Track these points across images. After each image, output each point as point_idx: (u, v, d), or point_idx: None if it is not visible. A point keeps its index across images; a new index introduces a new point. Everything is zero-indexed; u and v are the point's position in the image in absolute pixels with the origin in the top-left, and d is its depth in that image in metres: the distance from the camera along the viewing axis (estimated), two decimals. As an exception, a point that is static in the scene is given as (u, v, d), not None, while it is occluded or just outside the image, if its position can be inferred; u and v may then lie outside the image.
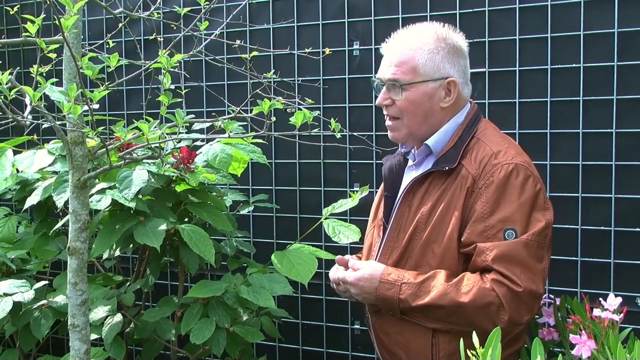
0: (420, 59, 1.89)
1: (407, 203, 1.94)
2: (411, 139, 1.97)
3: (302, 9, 3.07)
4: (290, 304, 3.05)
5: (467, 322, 1.76)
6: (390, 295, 1.84)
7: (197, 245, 2.28)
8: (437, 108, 1.91)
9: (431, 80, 1.89)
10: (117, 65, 1.90)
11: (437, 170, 1.90)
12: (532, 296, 1.75)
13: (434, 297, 1.78)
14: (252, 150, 2.45)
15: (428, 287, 1.79)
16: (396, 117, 1.95)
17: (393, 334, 1.95)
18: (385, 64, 1.96)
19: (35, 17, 1.75)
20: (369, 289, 1.88)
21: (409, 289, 1.81)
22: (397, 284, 1.83)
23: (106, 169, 2.01)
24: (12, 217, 3.04)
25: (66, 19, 1.68)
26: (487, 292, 1.73)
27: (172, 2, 3.11)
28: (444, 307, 1.77)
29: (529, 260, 1.75)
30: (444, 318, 1.80)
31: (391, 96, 1.94)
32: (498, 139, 1.91)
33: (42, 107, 1.76)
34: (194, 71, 3.23)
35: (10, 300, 2.43)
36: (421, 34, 1.93)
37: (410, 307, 1.82)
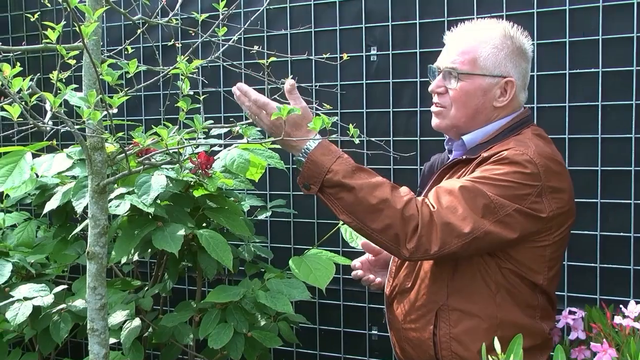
0: (482, 52, 1.86)
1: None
2: (453, 131, 1.94)
3: (319, 15, 3.08)
4: (308, 309, 3.05)
5: (383, 226, 1.67)
6: (323, 161, 1.73)
7: (215, 250, 2.28)
8: (489, 105, 1.89)
9: (489, 76, 1.87)
10: (135, 72, 1.91)
11: (460, 161, 1.89)
12: (447, 227, 1.66)
13: (369, 183, 1.69)
14: (270, 155, 2.45)
15: (365, 174, 1.72)
16: (444, 105, 1.92)
17: (401, 330, 1.95)
18: (446, 53, 1.93)
19: (54, 24, 1.77)
20: (286, 132, 1.75)
21: (346, 165, 1.72)
22: (335, 155, 1.74)
23: (125, 175, 2.02)
24: (31, 222, 3.07)
25: (86, 26, 1.69)
26: (414, 207, 1.67)
27: (190, 8, 3.12)
28: (372, 199, 1.67)
29: (462, 202, 1.68)
30: (362, 211, 1.68)
31: (445, 84, 1.91)
32: (529, 141, 1.83)
33: (61, 113, 1.77)
34: (212, 76, 3.24)
35: (30, 304, 2.45)
36: (489, 28, 1.91)
37: (337, 183, 1.70)
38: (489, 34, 1.89)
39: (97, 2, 2.03)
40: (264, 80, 2.73)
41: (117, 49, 2.48)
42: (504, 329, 1.78)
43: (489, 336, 1.69)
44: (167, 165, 2.31)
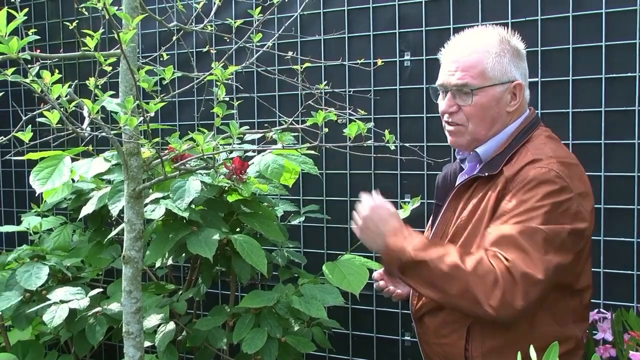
0: (488, 62, 1.85)
1: (452, 209, 1.92)
2: (474, 145, 1.92)
3: (352, 20, 3.08)
4: (340, 315, 3.05)
5: (461, 290, 1.68)
6: (395, 241, 1.79)
7: (249, 255, 2.29)
8: (503, 112, 1.87)
9: (499, 84, 1.85)
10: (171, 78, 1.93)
11: (481, 177, 1.87)
12: (527, 279, 1.64)
13: (438, 255, 1.72)
14: (304, 161, 2.46)
15: (435, 247, 1.75)
16: (460, 123, 1.90)
17: (432, 345, 1.94)
18: (448, 70, 1.90)
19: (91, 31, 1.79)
20: (375, 227, 1.84)
21: (416, 242, 1.76)
22: (404, 234, 1.80)
23: (161, 180, 2.03)
24: (67, 226, 3.11)
25: (124, 33, 1.72)
26: (487, 264, 1.66)
27: (224, 14, 3.14)
28: (444, 267, 1.69)
29: (528, 247, 1.67)
30: (440, 281, 1.71)
31: (457, 102, 1.88)
32: (545, 147, 1.83)
33: (99, 119, 1.80)
34: (246, 82, 3.26)
35: (66, 307, 2.49)
36: (484, 37, 1.89)
37: (411, 261, 1.75)
38: (487, 42, 1.87)
39: (133, 9, 2.06)
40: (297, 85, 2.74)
41: (153, 55, 2.50)
42: (538, 340, 1.75)
43: (522, 349, 1.67)
44: (202, 170, 2.33)
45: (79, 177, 2.51)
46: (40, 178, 2.36)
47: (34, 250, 2.80)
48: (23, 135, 1.76)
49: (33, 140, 1.75)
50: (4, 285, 2.69)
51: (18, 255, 2.79)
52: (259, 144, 2.62)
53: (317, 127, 1.92)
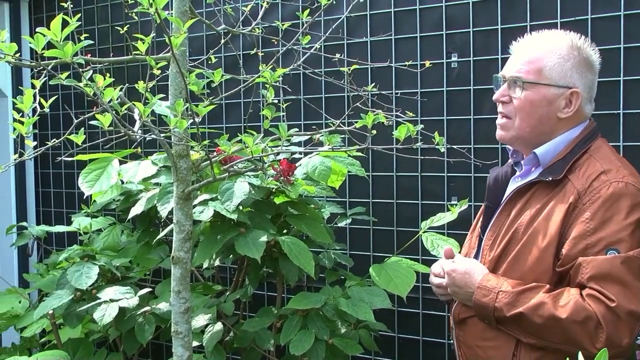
0: (548, 61, 1.84)
1: (506, 212, 1.90)
2: (518, 142, 1.92)
3: (399, 22, 3.07)
4: (386, 317, 3.03)
5: (564, 339, 1.69)
6: (486, 302, 1.79)
7: (297, 257, 2.30)
8: (553, 116, 1.86)
9: (554, 86, 1.84)
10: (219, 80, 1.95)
11: (541, 181, 1.84)
12: (632, 316, 1.65)
13: (529, 307, 1.71)
14: (351, 163, 2.46)
15: (526, 298, 1.73)
16: (509, 116, 1.90)
17: (474, 348, 1.92)
18: (511, 62, 1.92)
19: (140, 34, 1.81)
20: (460, 284, 1.88)
21: (505, 298, 1.76)
22: (494, 291, 1.78)
23: (210, 181, 2.05)
24: (116, 227, 3.16)
25: (176, 37, 1.73)
26: (584, 308, 1.66)
27: (271, 17, 3.16)
28: (539, 319, 1.70)
29: (627, 278, 1.66)
30: (539, 332, 1.73)
31: (510, 93, 1.89)
32: (611, 157, 1.83)
33: (149, 122, 1.82)
34: (292, 84, 3.27)
35: (116, 306, 2.53)
36: (556, 38, 1.89)
37: (505, 317, 1.76)
38: (556, 44, 1.87)
39: (183, 14, 2.07)
40: (342, 87, 2.74)
41: (201, 58, 2.52)
42: None
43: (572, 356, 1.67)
44: (251, 172, 2.35)
45: (127, 179, 2.56)
46: (88, 180, 2.40)
47: (84, 250, 2.85)
48: (76, 138, 1.79)
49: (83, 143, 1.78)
50: (56, 284, 2.75)
51: (69, 255, 2.85)
52: (305, 145, 2.62)
53: (363, 129, 1.92)
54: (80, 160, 2.52)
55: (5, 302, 2.97)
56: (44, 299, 2.71)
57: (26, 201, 4.36)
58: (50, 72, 1.79)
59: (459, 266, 1.90)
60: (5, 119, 4.20)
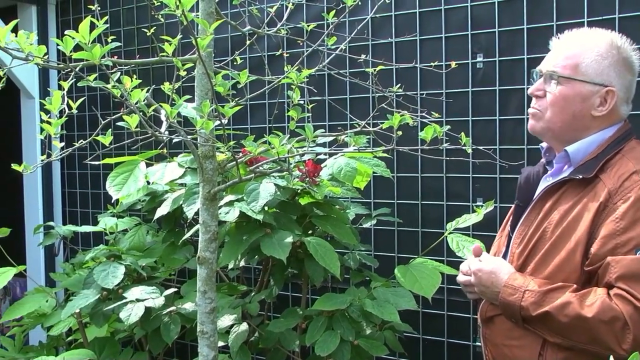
0: (585, 58, 1.83)
1: (536, 211, 1.88)
2: (549, 135, 1.91)
3: (424, 22, 3.06)
4: (411, 318, 3.03)
5: (590, 339, 1.67)
6: (512, 301, 1.78)
7: (322, 257, 2.30)
8: (586, 114, 1.84)
9: (589, 83, 1.82)
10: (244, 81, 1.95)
11: (572, 180, 1.82)
12: None
13: (555, 307, 1.70)
14: (376, 163, 2.45)
15: (552, 297, 1.72)
16: (540, 109, 1.89)
17: (501, 346, 1.90)
18: (549, 57, 1.91)
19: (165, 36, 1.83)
20: (486, 283, 1.86)
21: (532, 297, 1.74)
22: (521, 290, 1.77)
23: (236, 182, 2.06)
24: (142, 227, 3.19)
25: (202, 38, 1.74)
26: (611, 308, 1.63)
27: (296, 17, 3.17)
28: (565, 319, 1.68)
29: None
30: (565, 332, 1.71)
31: (545, 88, 1.88)
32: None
33: (175, 123, 1.83)
34: (317, 85, 3.27)
35: (142, 305, 2.54)
36: (595, 36, 1.87)
37: (531, 316, 1.75)
38: (595, 41, 1.85)
39: (209, 15, 2.09)
40: (367, 88, 2.74)
41: (226, 59, 2.53)
42: None
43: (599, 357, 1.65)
44: (277, 173, 2.35)
45: (154, 182, 2.57)
46: (116, 184, 2.43)
47: (110, 250, 2.88)
48: (103, 139, 1.81)
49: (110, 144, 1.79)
50: (82, 284, 2.77)
51: (95, 255, 2.87)
52: (330, 146, 2.62)
53: (389, 129, 1.91)
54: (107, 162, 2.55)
55: (33, 301, 3.00)
56: (71, 299, 2.73)
57: (53, 201, 4.40)
58: (78, 73, 1.81)
59: (486, 265, 1.89)
60: (32, 120, 4.25)
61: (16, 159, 2.97)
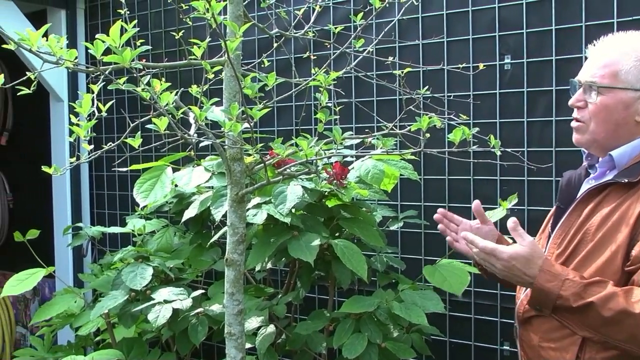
0: (624, 65, 1.79)
1: (577, 213, 1.86)
2: (594, 146, 1.87)
3: (451, 24, 3.05)
4: (438, 321, 3.02)
5: (629, 336, 1.63)
6: (550, 288, 1.70)
7: (350, 260, 2.30)
8: (630, 120, 1.80)
9: (631, 90, 1.78)
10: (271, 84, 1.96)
11: (614, 184, 1.79)
12: None
13: (600, 298, 1.64)
14: (404, 166, 2.45)
15: (595, 290, 1.66)
16: (583, 121, 1.86)
17: (537, 348, 1.87)
18: (587, 66, 1.87)
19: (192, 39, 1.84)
20: (520, 271, 1.73)
21: (573, 287, 1.68)
22: (561, 278, 1.70)
23: (264, 184, 2.07)
24: (169, 228, 3.21)
25: (231, 41, 1.75)
26: None
27: (323, 19, 3.17)
28: (609, 312, 1.63)
29: None
30: (602, 326, 1.66)
31: (586, 98, 1.84)
32: None
33: (204, 126, 1.84)
34: (344, 87, 3.27)
35: (170, 307, 2.56)
36: (632, 40, 1.83)
37: (568, 307, 1.68)
38: (632, 45, 1.81)
39: (237, 18, 2.10)
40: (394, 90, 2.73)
41: (253, 62, 2.54)
42: None
43: None
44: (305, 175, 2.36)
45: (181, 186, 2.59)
46: (143, 191, 2.44)
47: (138, 251, 2.90)
48: (132, 142, 1.82)
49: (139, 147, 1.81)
50: (111, 285, 2.80)
51: (123, 256, 2.90)
52: (357, 149, 2.62)
53: (416, 131, 1.91)
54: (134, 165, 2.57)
55: (63, 302, 3.03)
56: (100, 299, 2.76)
57: (81, 203, 4.46)
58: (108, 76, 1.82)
59: (519, 251, 1.74)
60: (61, 123, 4.30)
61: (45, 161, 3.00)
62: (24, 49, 1.76)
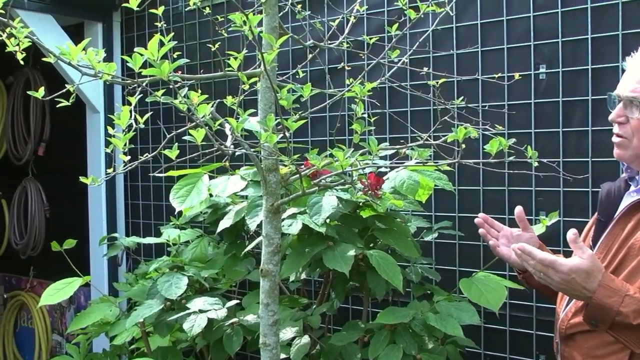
0: None
1: (620, 227, 1.83)
2: (637, 162, 1.85)
3: (486, 34, 3.03)
4: (473, 333, 2.99)
5: None
6: (609, 304, 1.66)
7: (385, 271, 2.30)
8: None
9: None
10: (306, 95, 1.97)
11: None
12: None
13: None
14: (438, 177, 2.44)
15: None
16: (625, 136, 1.83)
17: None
18: (626, 80, 1.84)
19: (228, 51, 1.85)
20: (579, 285, 1.68)
21: (634, 304, 1.65)
22: (621, 294, 1.67)
23: (299, 195, 2.07)
24: (204, 238, 3.23)
25: (268, 53, 1.77)
26: None
27: (357, 30, 3.18)
28: None
29: None
30: None
31: (626, 114, 1.82)
32: None
33: (239, 137, 1.86)
34: (378, 98, 3.27)
35: (205, 316, 2.57)
36: None
37: (628, 324, 1.66)
38: None
39: (273, 29, 2.11)
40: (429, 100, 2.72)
41: (288, 72, 2.56)
42: None
43: None
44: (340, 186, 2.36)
45: (217, 194, 2.60)
46: (179, 196, 2.46)
47: (173, 261, 2.92)
48: (170, 153, 1.84)
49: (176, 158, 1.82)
50: (146, 294, 2.82)
51: (159, 266, 2.92)
52: (390, 159, 2.62)
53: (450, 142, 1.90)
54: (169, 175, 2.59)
55: (99, 311, 3.07)
56: (135, 308, 2.78)
57: (116, 213, 4.50)
58: (145, 88, 1.85)
59: (581, 265, 1.70)
60: (97, 134, 4.35)
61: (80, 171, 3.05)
62: (64, 62, 1.80)
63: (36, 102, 5.24)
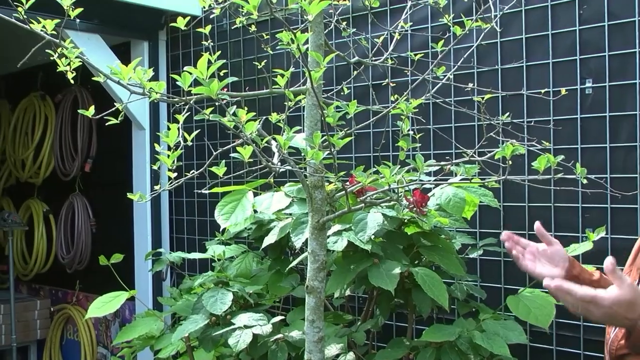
0: None
1: None
2: None
3: (530, 48, 3.01)
4: (518, 351, 2.95)
5: None
6: None
7: (431, 288, 2.29)
8: None
9: None
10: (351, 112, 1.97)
11: None
12: None
13: None
14: (484, 193, 2.43)
15: None
16: None
17: None
18: None
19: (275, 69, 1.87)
20: (621, 316, 1.63)
21: None
22: None
23: (344, 212, 2.08)
24: (248, 254, 3.25)
25: (316, 71, 1.78)
26: None
27: (401, 47, 3.18)
28: None
29: None
30: None
31: None
32: None
33: (285, 154, 1.87)
34: (421, 114, 3.26)
35: (250, 332, 2.58)
36: None
37: None
38: None
39: (319, 47, 2.13)
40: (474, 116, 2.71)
41: (332, 89, 2.57)
42: None
43: None
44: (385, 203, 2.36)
45: (261, 211, 2.62)
46: (224, 213, 2.49)
47: (218, 276, 2.94)
48: (217, 170, 1.87)
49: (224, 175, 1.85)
50: (191, 309, 2.85)
51: (203, 281, 2.95)
52: (435, 175, 2.61)
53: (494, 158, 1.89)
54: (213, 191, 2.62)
55: (144, 325, 3.10)
56: (180, 323, 2.81)
57: (161, 228, 4.56)
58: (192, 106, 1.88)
59: (623, 296, 1.63)
60: (142, 150, 4.42)
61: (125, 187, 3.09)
62: (113, 81, 1.84)
63: (84, 120, 5.36)
